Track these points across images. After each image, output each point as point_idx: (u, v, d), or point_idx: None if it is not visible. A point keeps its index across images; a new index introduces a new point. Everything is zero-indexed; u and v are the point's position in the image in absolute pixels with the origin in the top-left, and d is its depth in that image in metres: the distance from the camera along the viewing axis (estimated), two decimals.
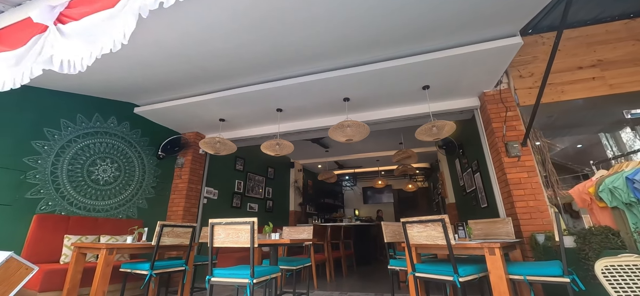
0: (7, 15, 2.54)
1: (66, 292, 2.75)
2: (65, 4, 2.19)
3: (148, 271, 2.67)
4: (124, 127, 4.55)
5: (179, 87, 4.10)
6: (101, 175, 4.14)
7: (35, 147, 3.56)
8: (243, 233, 2.28)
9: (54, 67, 2.01)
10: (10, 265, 1.91)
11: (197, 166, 5.31)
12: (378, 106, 4.54)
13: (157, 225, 2.79)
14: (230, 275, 2.27)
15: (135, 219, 4.39)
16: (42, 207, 3.47)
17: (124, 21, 1.76)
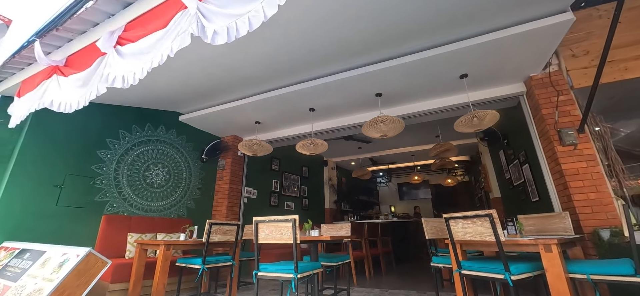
0: (76, 42, 2.89)
1: (132, 284, 3.09)
2: (122, 28, 2.46)
3: (200, 266, 2.90)
4: (171, 134, 4.95)
5: (217, 94, 4.36)
6: (154, 179, 4.56)
7: (100, 155, 4.02)
8: (286, 230, 2.38)
9: (115, 85, 2.26)
10: (90, 259, 2.20)
11: (236, 167, 5.60)
12: (412, 99, 4.41)
13: (206, 223, 3.01)
14: (275, 270, 2.38)
15: (185, 218, 4.77)
16: (108, 209, 3.93)
17: (176, 41, 1.92)
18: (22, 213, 3.24)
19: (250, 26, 1.84)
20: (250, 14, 1.85)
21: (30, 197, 3.32)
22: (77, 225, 3.59)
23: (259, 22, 1.83)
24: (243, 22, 1.85)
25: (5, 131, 3.37)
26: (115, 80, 2.23)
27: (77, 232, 3.54)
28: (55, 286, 2.00)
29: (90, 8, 2.51)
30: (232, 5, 1.90)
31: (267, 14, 1.76)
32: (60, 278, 2.03)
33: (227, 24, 1.89)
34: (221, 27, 1.90)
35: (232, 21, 1.89)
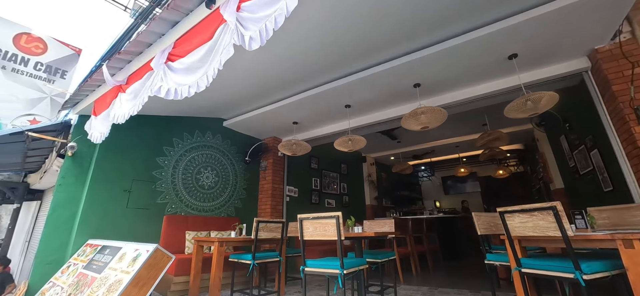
0: (134, 63, 3.22)
1: (192, 277, 3.40)
2: (172, 45, 2.70)
3: (251, 261, 3.08)
4: (217, 139, 5.32)
5: (255, 99, 4.56)
6: (205, 181, 4.95)
7: (159, 162, 4.47)
8: (329, 227, 2.42)
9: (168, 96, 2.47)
10: (157, 254, 2.46)
11: (278, 167, 5.81)
12: (454, 87, 4.16)
13: (253, 221, 3.18)
14: (322, 266, 2.43)
15: (233, 217, 5.10)
16: (168, 210, 4.36)
17: (223, 54, 2.06)
18: (101, 215, 3.75)
19: (276, 24, 1.91)
20: (276, 13, 1.92)
21: (105, 201, 3.83)
22: (143, 224, 4.04)
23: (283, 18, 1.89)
24: (270, 21, 1.93)
25: (84, 145, 3.92)
26: (168, 92, 2.45)
27: (144, 231, 3.98)
28: (131, 277, 2.28)
29: (144, 31, 2.81)
30: (261, 8, 1.98)
31: (289, 9, 1.81)
32: (135, 271, 2.32)
33: (259, 27, 1.98)
34: (255, 32, 2.00)
35: (262, 24, 1.97)
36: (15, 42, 6.71)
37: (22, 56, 6.71)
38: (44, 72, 7.01)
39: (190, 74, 2.39)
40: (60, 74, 7.22)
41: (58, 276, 3.07)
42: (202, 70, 2.24)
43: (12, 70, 6.64)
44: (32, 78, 6.85)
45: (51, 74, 7.12)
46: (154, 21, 2.70)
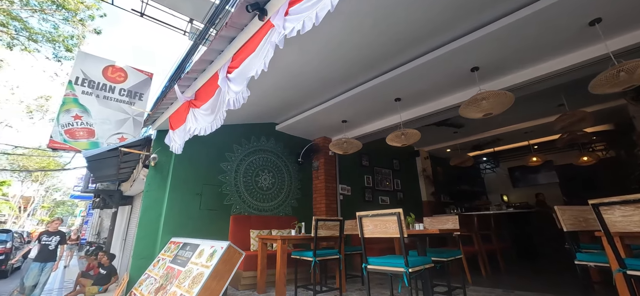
0: (199, 80, 3.57)
1: (259, 272, 3.65)
2: (230, 59, 2.91)
3: (312, 258, 3.18)
4: (271, 143, 5.61)
5: (304, 101, 4.69)
6: (264, 183, 5.27)
7: (223, 167, 4.90)
8: (390, 224, 2.37)
9: (230, 107, 2.68)
10: (230, 251, 2.69)
11: (329, 166, 5.89)
12: (520, 66, 3.72)
13: (312, 220, 3.28)
14: (385, 264, 2.39)
15: (291, 216, 5.33)
16: (234, 210, 4.76)
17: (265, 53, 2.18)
18: (179, 216, 4.25)
19: (317, 20, 1.93)
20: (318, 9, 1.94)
21: (182, 204, 4.33)
22: (214, 224, 4.47)
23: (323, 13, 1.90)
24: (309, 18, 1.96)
25: (163, 156, 4.49)
26: (229, 103, 2.66)
27: (214, 230, 4.41)
28: (210, 271, 2.55)
29: (207, 50, 3.09)
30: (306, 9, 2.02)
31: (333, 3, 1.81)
32: (213, 265, 2.58)
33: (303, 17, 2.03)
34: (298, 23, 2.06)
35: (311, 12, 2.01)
36: (103, 74, 7.98)
37: (110, 85, 7.95)
38: (126, 96, 8.20)
39: (240, 82, 2.56)
40: (138, 96, 8.37)
41: (151, 269, 3.58)
42: (248, 74, 2.38)
43: (103, 98, 7.90)
44: (118, 102, 8.06)
45: (131, 97, 8.30)
46: (215, 40, 2.95)
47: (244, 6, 2.52)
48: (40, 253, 4.55)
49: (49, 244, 4.61)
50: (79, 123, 7.33)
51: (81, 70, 7.56)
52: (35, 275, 4.46)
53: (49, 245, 4.61)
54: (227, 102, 2.67)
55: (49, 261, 4.58)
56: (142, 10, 6.70)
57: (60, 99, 7.17)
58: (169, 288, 2.82)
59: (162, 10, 6.83)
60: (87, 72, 7.61)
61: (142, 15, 6.83)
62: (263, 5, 2.53)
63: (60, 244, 4.76)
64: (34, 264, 4.48)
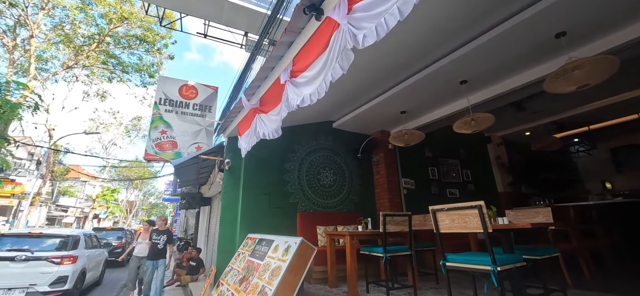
0: (263, 87, 3.80)
1: (329, 267, 3.75)
2: (291, 63, 3.02)
3: (382, 254, 3.13)
4: (328, 141, 5.69)
5: (361, 94, 4.62)
6: (325, 180, 5.39)
7: (286, 167, 5.15)
8: (471, 218, 2.17)
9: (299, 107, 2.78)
10: (303, 246, 2.80)
11: (390, 160, 5.71)
12: (625, 22, 3.03)
13: (380, 215, 3.22)
14: (468, 261, 2.21)
15: (354, 212, 5.34)
16: (300, 207, 4.98)
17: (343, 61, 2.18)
18: (252, 214, 4.62)
19: (401, 15, 1.84)
20: (398, 3, 1.85)
21: (254, 203, 4.70)
22: (282, 221, 4.75)
23: (409, 7, 1.80)
24: (391, 14, 1.88)
25: (235, 161, 4.94)
26: (297, 105, 2.76)
27: (284, 226, 4.67)
28: (287, 265, 2.71)
29: (268, 57, 3.27)
30: (375, 6, 1.96)
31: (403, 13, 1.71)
32: (289, 260, 2.74)
33: (375, 23, 1.97)
34: (369, 30, 2.00)
35: (379, 19, 1.95)
36: (179, 93, 9.13)
37: (185, 102, 9.08)
38: (198, 110, 9.27)
39: (311, 84, 2.62)
40: (208, 109, 9.38)
41: (233, 262, 3.97)
42: (320, 77, 2.42)
43: (181, 113, 9.05)
44: (192, 116, 9.14)
45: (203, 110, 9.33)
46: (275, 47, 3.11)
47: (301, 9, 2.59)
48: (151, 251, 4.72)
49: (158, 243, 4.72)
50: (164, 137, 8.56)
51: (163, 91, 8.81)
52: (150, 272, 4.64)
53: (158, 243, 4.72)
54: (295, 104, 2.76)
55: (159, 258, 4.74)
56: (205, 32, 7.46)
57: (149, 118, 8.38)
58: (251, 279, 3.09)
59: (220, 28, 7.51)
60: (167, 93, 8.83)
61: (206, 36, 7.60)
62: (319, 5, 2.57)
63: (168, 243, 4.86)
64: (147, 262, 4.69)
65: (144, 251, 4.91)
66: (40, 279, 4.89)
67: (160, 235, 4.77)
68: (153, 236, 4.77)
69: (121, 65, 13.65)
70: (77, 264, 5.41)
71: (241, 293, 3.06)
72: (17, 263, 4.88)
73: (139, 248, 5.01)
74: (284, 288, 2.63)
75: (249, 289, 2.97)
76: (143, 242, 5.00)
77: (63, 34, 11.89)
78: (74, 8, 11.59)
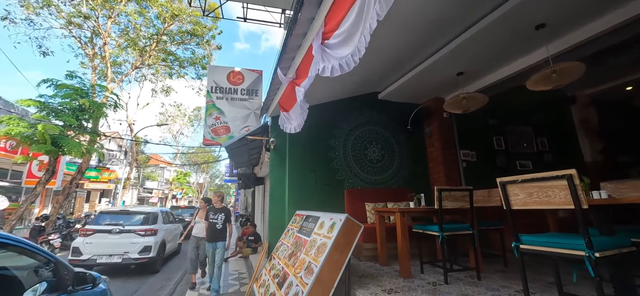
0: (297, 57, 3.58)
1: (379, 245, 3.56)
2: (323, 24, 2.74)
3: (439, 233, 2.81)
4: (374, 113, 5.33)
5: (409, 58, 4.11)
6: (372, 156, 5.11)
7: (331, 143, 4.99)
8: (557, 192, 1.73)
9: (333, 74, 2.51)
10: (348, 223, 2.65)
11: (445, 131, 5.13)
12: None
13: (435, 190, 2.88)
14: (552, 244, 1.79)
15: (404, 188, 4.98)
16: (347, 184, 4.83)
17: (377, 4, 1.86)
18: (300, 191, 4.63)
19: None
20: None
21: (301, 180, 4.69)
22: (329, 198, 4.67)
23: None
24: None
25: (279, 139, 4.96)
26: (333, 69, 2.49)
27: (330, 203, 4.59)
28: (332, 242, 2.60)
29: (298, 21, 3.03)
30: None
31: None
32: (334, 237, 2.62)
33: None
34: None
35: None
36: (228, 79, 9.53)
37: (233, 88, 9.46)
38: (246, 95, 9.60)
39: (347, 44, 2.34)
40: (254, 93, 9.66)
41: (283, 238, 4.06)
42: (358, 33, 2.13)
43: (231, 99, 9.48)
44: (241, 101, 9.52)
45: (250, 94, 9.64)
46: (303, 7, 2.85)
47: None
48: (209, 232, 4.33)
49: (216, 222, 4.32)
50: (218, 123, 9.12)
51: (213, 80, 9.29)
52: (211, 255, 4.33)
53: (216, 223, 4.32)
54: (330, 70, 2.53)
55: (219, 240, 4.33)
56: (244, 15, 7.51)
57: (204, 106, 8.97)
58: (299, 255, 3.09)
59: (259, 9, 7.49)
60: (217, 81, 9.30)
61: (245, 20, 7.66)
62: None
63: (227, 222, 4.42)
64: (207, 245, 4.38)
65: (202, 232, 4.65)
66: (131, 248, 5.96)
67: (218, 214, 4.37)
68: (210, 215, 4.38)
69: (178, 61, 14.90)
70: (157, 236, 6.41)
71: (290, 267, 3.09)
72: (113, 235, 6.02)
73: (197, 228, 4.81)
74: (330, 267, 2.54)
75: (297, 264, 2.97)
76: (201, 222, 4.72)
77: (129, 38, 13.35)
78: (134, 13, 12.84)
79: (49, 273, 2.03)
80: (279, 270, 3.35)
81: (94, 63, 12.81)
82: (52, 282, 1.98)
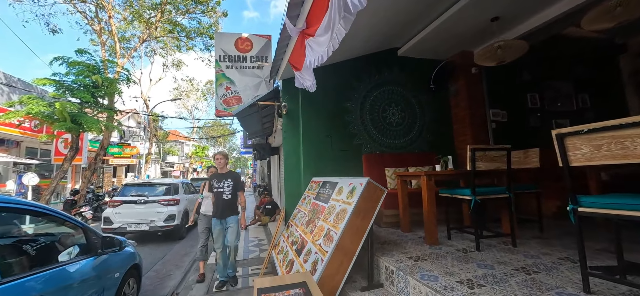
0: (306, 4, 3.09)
1: (401, 211, 3.35)
2: None
3: (471, 197, 2.53)
4: (393, 73, 4.88)
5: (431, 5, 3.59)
6: (392, 118, 4.75)
7: (347, 106, 4.66)
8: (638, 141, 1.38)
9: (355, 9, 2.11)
10: (370, 187, 2.41)
11: (473, 89, 4.65)
12: None
13: (467, 149, 2.56)
14: (623, 206, 1.47)
15: (427, 152, 4.66)
16: (365, 149, 4.56)
17: None
18: (315, 158, 4.41)
19: None
20: None
21: (315, 147, 4.45)
22: (347, 163, 4.43)
23: None
24: None
25: (291, 104, 4.67)
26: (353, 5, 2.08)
27: (349, 170, 4.35)
28: (353, 207, 2.38)
29: None
30: None
31: None
32: (354, 202, 2.40)
33: None
34: None
35: None
36: (236, 46, 9.14)
37: (242, 55, 9.09)
38: (255, 62, 9.23)
39: None
40: (264, 59, 9.26)
41: (300, 205, 3.92)
42: None
43: (241, 68, 9.15)
44: (251, 68, 9.18)
45: (259, 61, 9.26)
46: None
47: None
48: (215, 205, 3.34)
49: (222, 191, 3.31)
50: (229, 93, 8.89)
51: (221, 48, 8.92)
52: (217, 234, 3.34)
53: (223, 192, 3.30)
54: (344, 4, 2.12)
55: (230, 215, 3.33)
56: None
57: (214, 77, 8.71)
58: (317, 222, 2.93)
59: None
60: (225, 49, 8.93)
61: None
62: None
63: (237, 190, 3.40)
64: (214, 221, 3.37)
65: (210, 208, 3.54)
66: (157, 217, 6.35)
67: (223, 180, 3.34)
68: (214, 184, 3.37)
69: (185, 31, 14.51)
70: (180, 205, 6.75)
71: (308, 234, 2.95)
72: (139, 205, 6.44)
73: (205, 205, 3.81)
74: (351, 233, 2.34)
75: (315, 231, 2.82)
76: (209, 195, 3.59)
77: (134, 10, 13.01)
78: None
79: (80, 238, 2.32)
80: (297, 238, 3.23)
81: (102, 39, 12.71)
82: (83, 246, 2.26)
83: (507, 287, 1.84)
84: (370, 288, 2.39)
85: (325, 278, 2.21)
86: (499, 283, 1.90)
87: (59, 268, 1.95)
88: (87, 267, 2.19)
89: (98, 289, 2.26)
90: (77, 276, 2.06)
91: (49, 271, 1.85)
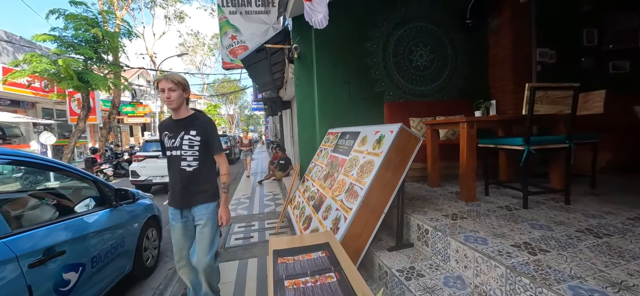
0: None
1: (430, 164, 2.98)
2: None
3: (524, 147, 2.10)
4: (424, 4, 4.17)
5: None
6: (419, 61, 4.16)
7: (368, 48, 4.08)
8: None
9: None
10: (403, 135, 2.03)
11: (519, 23, 3.90)
12: None
13: (526, 88, 2.07)
14: None
15: (459, 99, 4.13)
16: (387, 97, 4.07)
17: None
18: (332, 107, 3.98)
19: None
20: None
21: (332, 94, 3.99)
22: (367, 112, 3.99)
23: None
24: None
25: (303, 46, 4.11)
26: None
27: (368, 119, 3.92)
28: (382, 159, 2.02)
29: None
30: None
31: None
32: (384, 152, 2.03)
33: None
34: None
35: None
36: None
37: None
38: (262, 6, 8.40)
39: None
40: (270, 3, 8.41)
41: (316, 159, 3.61)
42: None
43: (245, 13, 8.37)
44: (257, 14, 8.38)
45: (265, 5, 8.42)
46: None
47: None
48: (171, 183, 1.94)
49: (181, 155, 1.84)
50: (235, 42, 8.25)
51: None
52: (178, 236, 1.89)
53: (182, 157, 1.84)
54: None
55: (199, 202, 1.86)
56: None
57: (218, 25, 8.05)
58: (336, 176, 2.61)
59: None
60: None
61: None
62: None
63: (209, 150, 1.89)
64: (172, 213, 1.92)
65: None
66: None
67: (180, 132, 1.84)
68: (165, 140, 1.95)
69: None
70: None
71: (327, 189, 2.65)
72: (161, 159, 6.52)
73: None
74: (380, 189, 2.01)
75: (335, 185, 2.51)
76: None
77: None
78: None
79: (94, 192, 2.34)
80: (314, 193, 2.95)
81: None
82: (98, 198, 2.29)
83: (578, 253, 1.49)
84: (399, 247, 2.11)
85: (349, 238, 1.93)
86: (565, 248, 1.55)
87: (76, 218, 1.96)
88: (104, 218, 2.20)
89: (118, 239, 2.31)
90: (95, 227, 2.06)
91: (67, 221, 1.86)
